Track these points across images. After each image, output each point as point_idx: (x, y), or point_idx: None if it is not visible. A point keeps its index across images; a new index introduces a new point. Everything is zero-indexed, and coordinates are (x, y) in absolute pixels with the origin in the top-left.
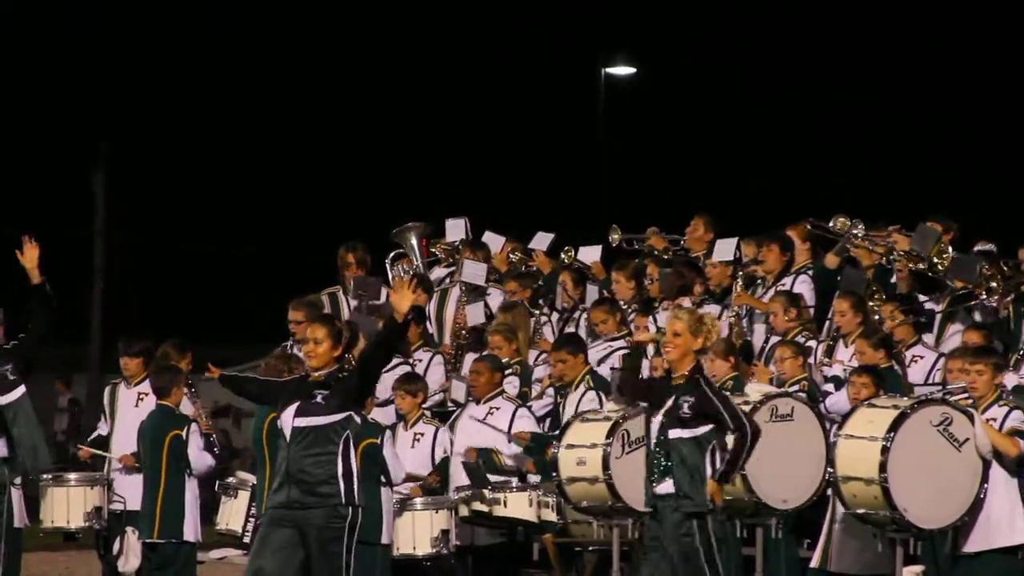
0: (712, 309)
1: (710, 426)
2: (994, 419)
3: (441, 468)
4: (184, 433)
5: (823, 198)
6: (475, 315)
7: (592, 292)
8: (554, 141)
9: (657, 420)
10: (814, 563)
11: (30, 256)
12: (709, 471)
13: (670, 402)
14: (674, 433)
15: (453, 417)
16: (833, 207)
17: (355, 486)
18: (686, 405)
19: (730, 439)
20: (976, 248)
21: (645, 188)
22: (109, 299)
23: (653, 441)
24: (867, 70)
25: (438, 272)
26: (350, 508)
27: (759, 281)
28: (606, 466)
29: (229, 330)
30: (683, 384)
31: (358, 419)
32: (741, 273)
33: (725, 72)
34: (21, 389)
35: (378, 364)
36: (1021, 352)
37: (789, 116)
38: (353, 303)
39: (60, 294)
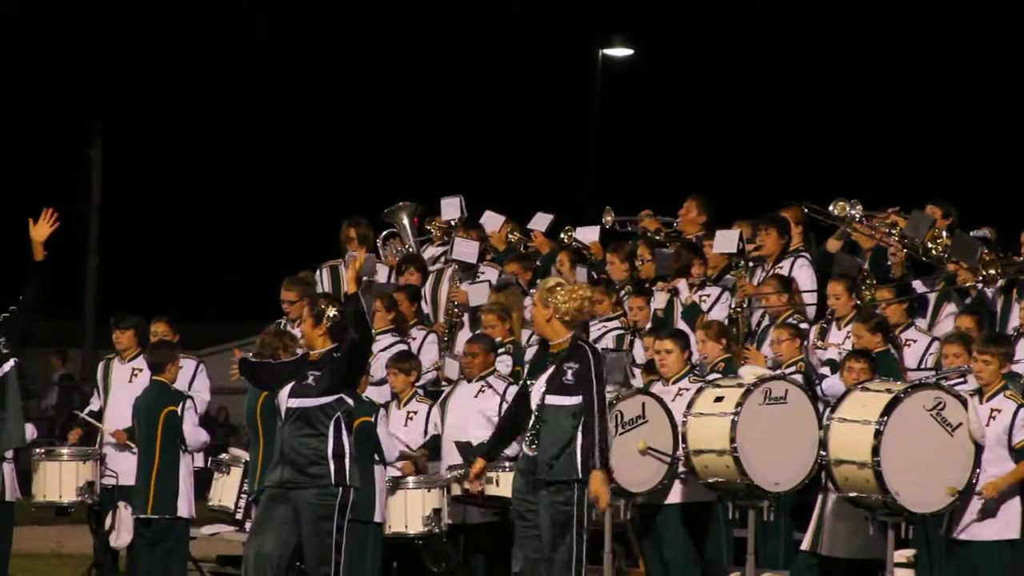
0: (713, 291)
1: (582, 395)
2: (998, 409)
3: (431, 445)
4: (179, 409)
5: (818, 180)
6: (478, 295)
7: (581, 273)
8: (551, 122)
9: (539, 386)
10: (805, 545)
11: (41, 231)
12: (581, 440)
13: (551, 369)
14: (551, 399)
15: (444, 395)
16: (829, 188)
17: (346, 466)
18: (570, 372)
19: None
20: (973, 233)
21: (640, 169)
22: (104, 275)
23: (534, 405)
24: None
25: (432, 251)
26: (340, 488)
27: (754, 263)
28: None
29: (222, 306)
30: (564, 351)
31: (350, 400)
32: (744, 263)
33: (722, 54)
34: (10, 363)
35: (357, 344)
36: (1012, 338)
37: (784, 99)
38: None
39: (55, 269)
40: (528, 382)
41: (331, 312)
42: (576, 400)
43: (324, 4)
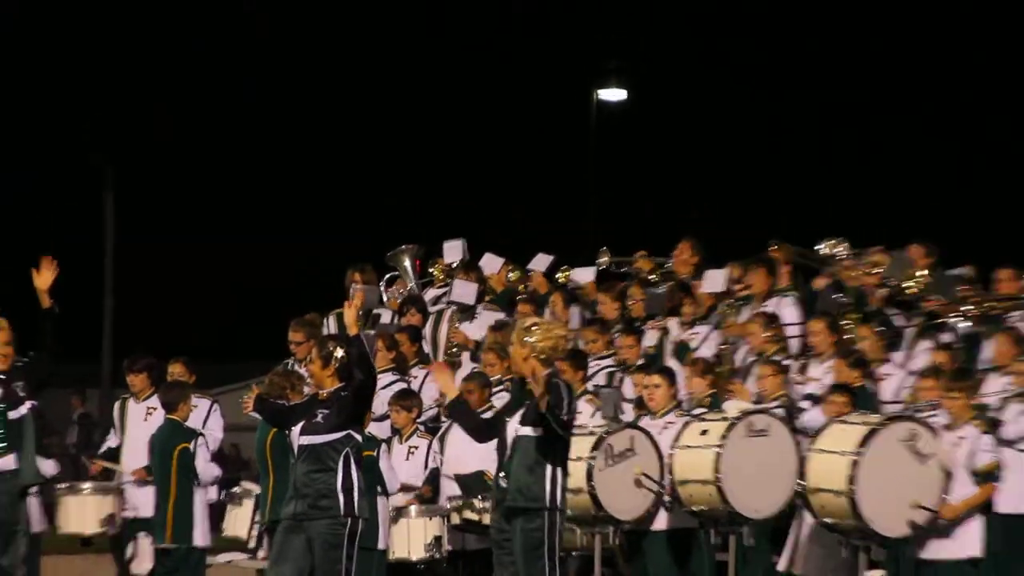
0: (702, 330)
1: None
2: (964, 437)
3: (431, 479)
4: (192, 446)
5: (807, 220)
6: (475, 333)
7: (575, 313)
8: (548, 163)
9: (515, 422)
10: (781, 566)
11: (45, 279)
12: (549, 470)
13: (526, 406)
14: (523, 431)
15: (443, 430)
16: (817, 229)
17: (355, 499)
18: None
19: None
20: (953, 271)
21: (634, 210)
22: (119, 316)
23: (510, 443)
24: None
25: (433, 293)
26: (349, 519)
27: (742, 302)
28: (590, 477)
29: (233, 347)
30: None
31: (358, 436)
32: (731, 302)
33: (713, 97)
34: (27, 405)
35: (362, 384)
36: (983, 371)
37: (773, 141)
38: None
39: (72, 311)
40: (506, 418)
41: (339, 353)
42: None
43: (328, 58)
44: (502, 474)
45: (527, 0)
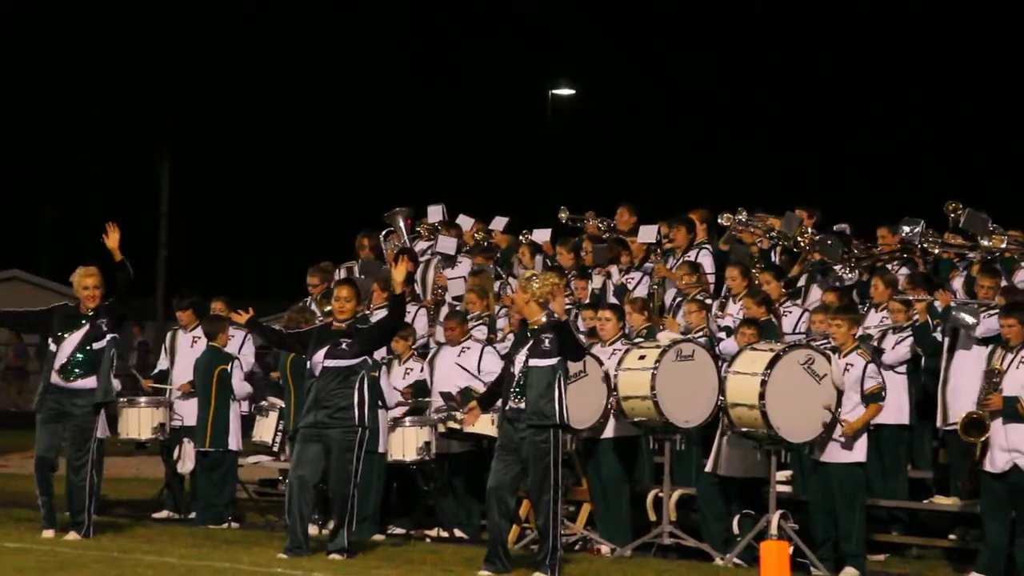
0: (636, 275)
1: (559, 358)
2: (851, 364)
3: (416, 388)
4: (229, 367)
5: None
6: (456, 287)
7: (539, 261)
8: (514, 146)
9: (522, 356)
10: (708, 468)
11: (113, 239)
12: (557, 393)
13: (531, 341)
14: (533, 362)
15: (430, 355)
16: (725, 194)
17: (366, 412)
18: (546, 340)
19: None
20: (835, 228)
21: (584, 181)
22: (170, 264)
23: (518, 369)
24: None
25: (421, 245)
26: (360, 428)
27: (669, 253)
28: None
29: (260, 288)
30: (542, 325)
31: (371, 362)
32: (660, 251)
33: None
34: (108, 338)
35: (394, 328)
36: (865, 308)
37: (694, 126)
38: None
39: (134, 262)
40: (513, 355)
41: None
42: (553, 362)
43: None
44: (514, 395)
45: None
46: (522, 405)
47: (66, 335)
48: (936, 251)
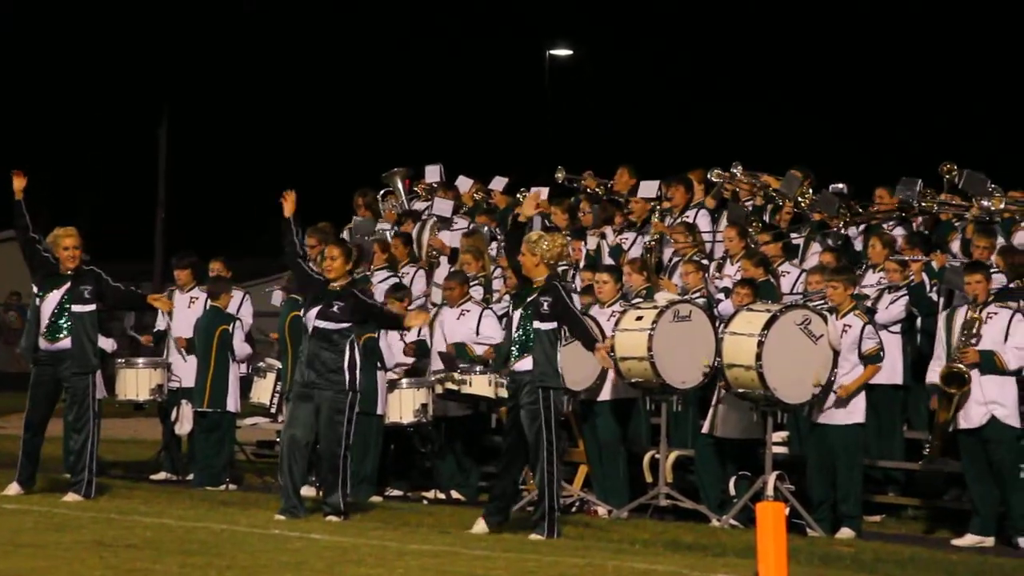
0: (630, 235)
1: (556, 322)
2: (849, 325)
3: (419, 347)
4: (230, 328)
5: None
6: (451, 240)
7: (537, 221)
8: (514, 106)
9: (519, 313)
10: (704, 429)
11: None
12: (559, 356)
13: (531, 299)
14: (538, 325)
15: (432, 314)
16: (723, 154)
17: (356, 374)
18: (546, 304)
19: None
20: (831, 187)
21: (583, 142)
22: (169, 225)
23: (515, 328)
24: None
25: (418, 206)
26: (351, 392)
27: (668, 212)
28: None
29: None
30: (542, 288)
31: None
32: (659, 208)
33: (646, 54)
34: (90, 307)
35: (384, 326)
36: (862, 268)
37: (687, 86)
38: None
39: (133, 221)
40: (512, 311)
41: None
42: (552, 325)
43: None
44: (515, 355)
45: None
46: (519, 365)
47: (46, 294)
48: (935, 209)
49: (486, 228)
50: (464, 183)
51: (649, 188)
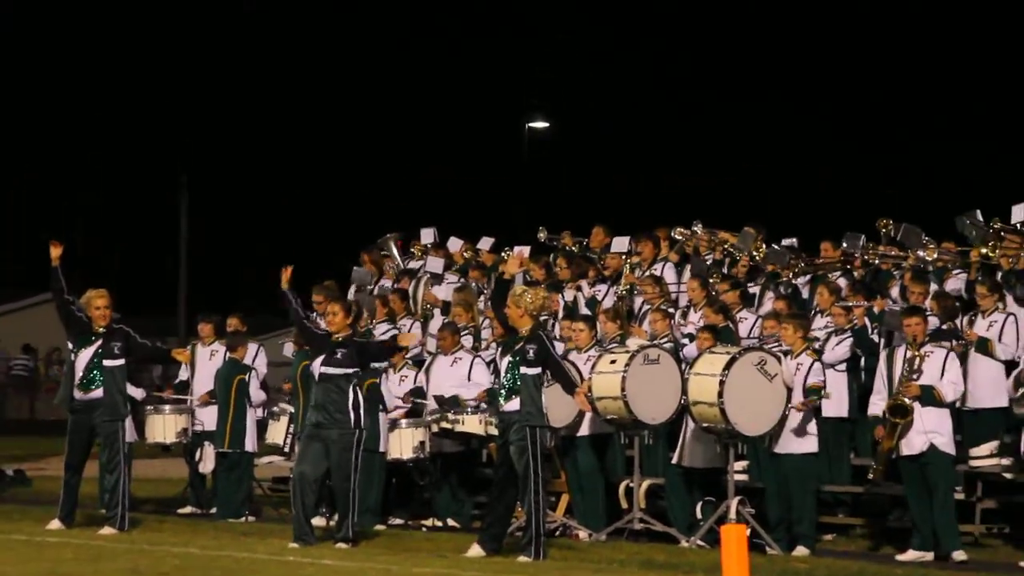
0: (603, 288)
1: (540, 368)
2: (801, 363)
3: (414, 394)
4: (247, 377)
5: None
6: (444, 294)
7: (519, 278)
8: (497, 174)
9: (506, 359)
10: (674, 460)
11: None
12: (544, 399)
13: (518, 347)
14: (523, 370)
15: (427, 363)
16: (683, 213)
17: (361, 414)
18: (531, 351)
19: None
20: (784, 242)
21: (559, 206)
22: (190, 287)
23: (503, 373)
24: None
25: (414, 264)
26: (357, 430)
27: (638, 265)
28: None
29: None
30: (527, 337)
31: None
32: (629, 262)
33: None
34: (120, 362)
35: (376, 354)
36: (811, 314)
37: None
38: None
39: (159, 281)
40: (499, 358)
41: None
42: (537, 370)
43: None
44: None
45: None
46: (507, 407)
47: (81, 350)
48: (876, 262)
49: (475, 283)
50: (455, 243)
51: (620, 243)
